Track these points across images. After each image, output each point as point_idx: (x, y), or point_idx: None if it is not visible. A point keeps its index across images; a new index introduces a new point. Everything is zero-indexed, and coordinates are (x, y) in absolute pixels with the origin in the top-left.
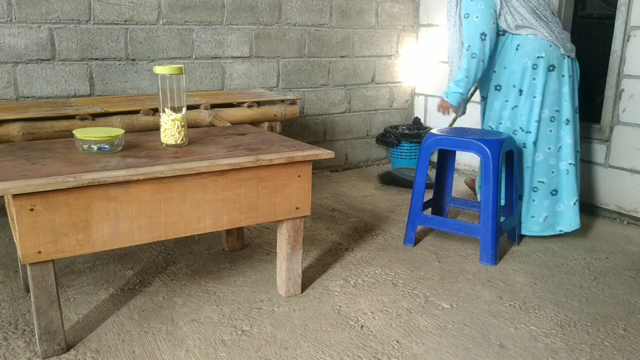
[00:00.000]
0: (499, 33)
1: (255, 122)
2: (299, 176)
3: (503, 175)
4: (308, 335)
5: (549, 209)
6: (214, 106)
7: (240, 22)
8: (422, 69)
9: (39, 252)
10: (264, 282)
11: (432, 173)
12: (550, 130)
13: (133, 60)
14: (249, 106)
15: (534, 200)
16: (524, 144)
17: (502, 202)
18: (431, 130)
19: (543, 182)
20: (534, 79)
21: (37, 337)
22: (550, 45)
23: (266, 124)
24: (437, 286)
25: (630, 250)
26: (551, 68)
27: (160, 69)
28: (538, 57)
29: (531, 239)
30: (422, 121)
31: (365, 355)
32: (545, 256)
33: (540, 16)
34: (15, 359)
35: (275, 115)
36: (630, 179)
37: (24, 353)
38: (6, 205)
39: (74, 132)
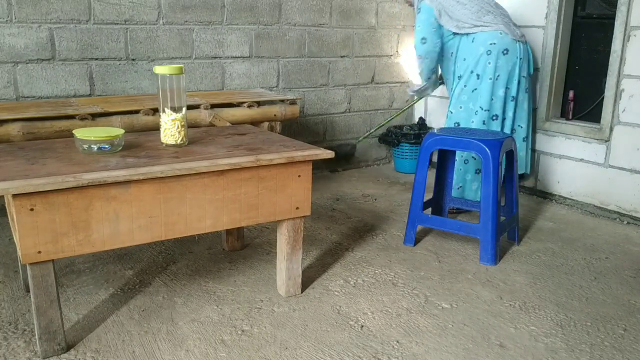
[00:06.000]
0: (451, 36)
1: (255, 122)
2: (299, 176)
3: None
4: (308, 335)
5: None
6: (214, 106)
7: (240, 22)
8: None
9: (39, 252)
10: (264, 282)
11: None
12: (501, 105)
13: (133, 60)
14: (249, 106)
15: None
16: (484, 121)
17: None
18: (431, 130)
19: None
20: (489, 63)
21: (37, 337)
22: (500, 33)
23: (266, 124)
24: (437, 286)
25: (630, 250)
26: (505, 52)
27: (160, 69)
28: (491, 44)
29: (531, 239)
30: (426, 122)
31: (365, 355)
32: (545, 256)
33: (486, 12)
34: (15, 359)
35: (275, 115)
36: (630, 179)
37: (24, 353)
38: (6, 205)
39: (74, 132)
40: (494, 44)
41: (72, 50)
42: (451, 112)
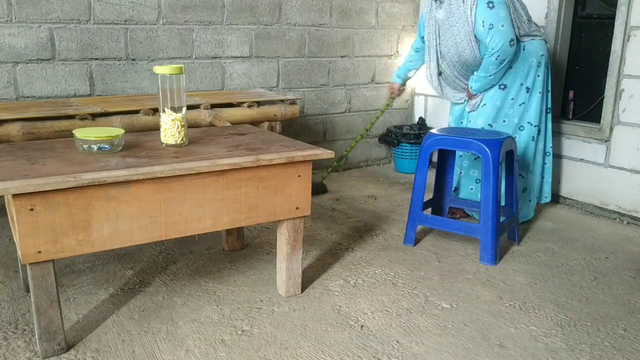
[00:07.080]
0: None
1: (255, 122)
2: (299, 176)
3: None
4: (308, 335)
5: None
6: (214, 106)
7: (240, 22)
8: (422, 69)
9: (39, 252)
10: (264, 282)
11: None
12: (542, 119)
13: (133, 60)
14: (249, 106)
15: (543, 177)
16: (533, 137)
17: (502, 202)
18: (431, 130)
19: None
20: (538, 75)
21: (37, 337)
22: (546, 43)
23: (266, 124)
24: (437, 286)
25: (630, 250)
26: (547, 64)
27: (160, 69)
28: (541, 55)
29: (531, 239)
30: (426, 122)
31: (365, 355)
32: (545, 256)
33: (530, 16)
34: (15, 359)
35: (275, 115)
36: (630, 179)
37: (24, 353)
38: (6, 205)
39: (74, 132)
40: (543, 55)
41: (72, 50)
42: (490, 126)
